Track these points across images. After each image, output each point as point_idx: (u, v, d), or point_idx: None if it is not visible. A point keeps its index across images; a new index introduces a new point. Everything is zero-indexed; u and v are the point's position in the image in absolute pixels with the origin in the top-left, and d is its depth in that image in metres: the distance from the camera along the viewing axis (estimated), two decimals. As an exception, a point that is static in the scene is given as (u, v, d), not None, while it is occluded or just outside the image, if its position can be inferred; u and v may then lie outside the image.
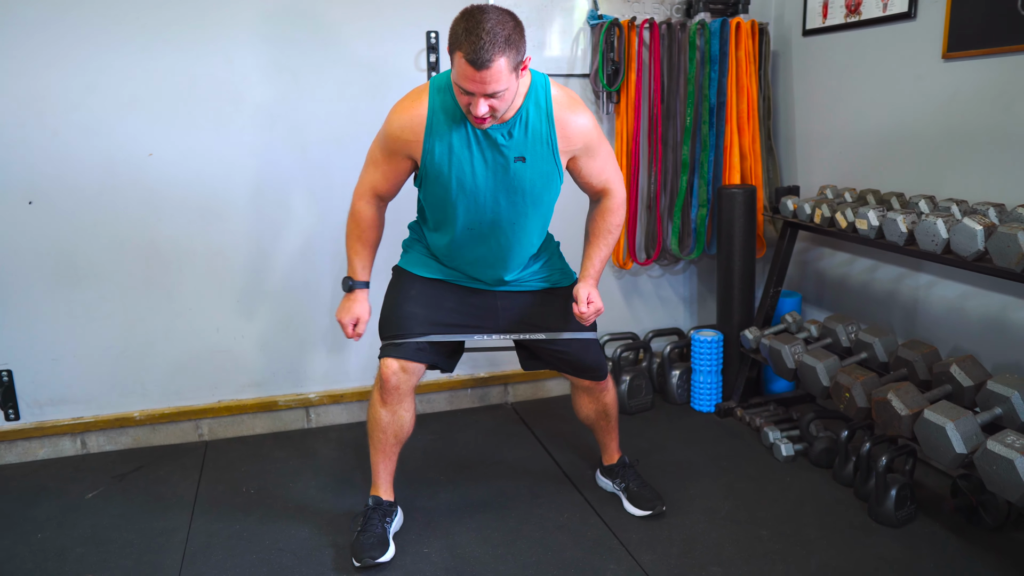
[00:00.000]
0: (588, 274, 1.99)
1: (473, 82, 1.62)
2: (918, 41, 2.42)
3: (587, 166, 1.93)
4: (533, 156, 1.84)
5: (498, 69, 1.61)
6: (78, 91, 2.41)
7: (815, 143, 2.92)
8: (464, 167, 1.83)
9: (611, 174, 1.98)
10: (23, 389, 2.55)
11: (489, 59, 1.58)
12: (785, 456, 2.51)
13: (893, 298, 2.62)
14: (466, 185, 1.85)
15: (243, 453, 2.65)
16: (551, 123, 1.83)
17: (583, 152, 1.91)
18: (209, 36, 2.48)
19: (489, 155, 1.83)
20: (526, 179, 1.86)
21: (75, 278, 2.52)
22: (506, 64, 1.62)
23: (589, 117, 1.89)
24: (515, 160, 1.83)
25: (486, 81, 1.61)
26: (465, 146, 1.81)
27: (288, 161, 2.64)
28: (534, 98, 1.82)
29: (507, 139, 1.82)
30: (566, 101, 1.86)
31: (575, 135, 1.87)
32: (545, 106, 1.82)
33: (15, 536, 2.15)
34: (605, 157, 1.96)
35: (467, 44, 1.59)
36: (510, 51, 1.62)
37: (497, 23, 1.60)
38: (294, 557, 2.04)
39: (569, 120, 1.85)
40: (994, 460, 1.75)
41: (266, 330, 2.75)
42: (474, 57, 1.58)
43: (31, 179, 2.43)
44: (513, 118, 1.80)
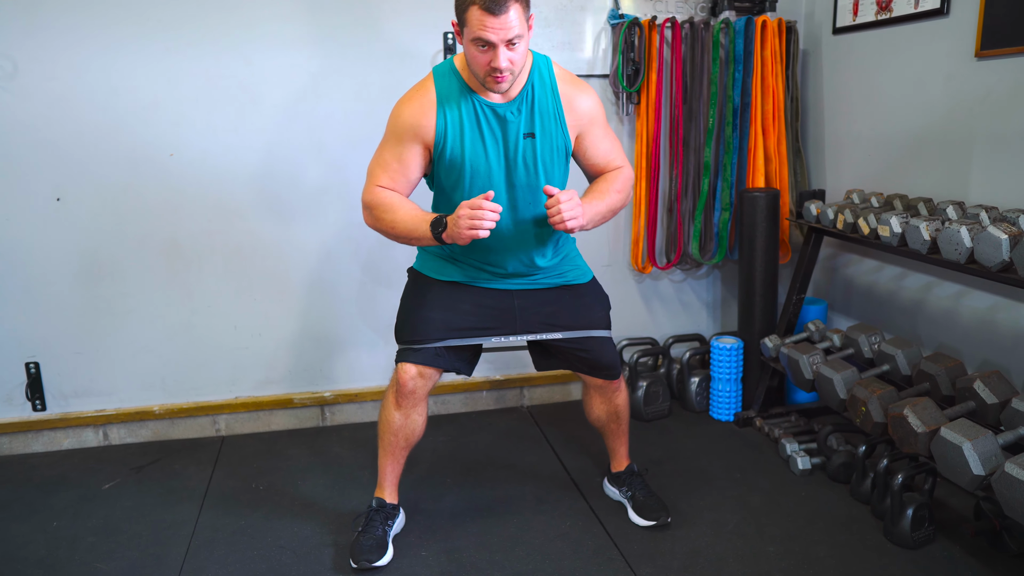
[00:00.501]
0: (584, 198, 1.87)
1: (492, 29, 1.64)
2: (950, 39, 2.31)
3: (592, 145, 1.93)
4: (542, 131, 1.85)
5: (516, 13, 1.65)
6: (104, 93, 2.49)
7: (845, 145, 2.82)
8: (477, 147, 1.83)
9: (617, 155, 1.98)
10: (49, 381, 2.64)
11: (505, 2, 1.62)
12: (801, 470, 2.43)
13: (921, 308, 2.50)
14: (480, 165, 1.84)
15: (257, 449, 2.69)
16: (556, 97, 1.85)
17: (588, 128, 1.91)
18: (228, 39, 2.53)
19: (499, 132, 1.83)
20: (537, 155, 1.86)
21: (99, 274, 2.60)
22: (520, 11, 1.67)
23: (594, 96, 1.92)
24: (524, 136, 1.84)
25: (506, 25, 1.64)
26: (475, 125, 1.82)
27: (305, 160, 2.67)
28: (537, 74, 1.85)
29: (515, 115, 1.83)
30: (569, 78, 1.91)
31: (581, 110, 1.89)
32: (549, 81, 1.85)
33: (33, 523, 2.22)
34: (613, 140, 1.98)
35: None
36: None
37: None
38: (294, 555, 2.06)
39: (574, 95, 1.88)
40: (1011, 484, 1.66)
41: (283, 328, 2.78)
42: (491, 4, 1.62)
43: (59, 178, 2.51)
44: (519, 95, 1.82)
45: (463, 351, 2.03)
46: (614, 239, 3.00)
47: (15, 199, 2.49)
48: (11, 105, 2.43)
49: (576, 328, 2.04)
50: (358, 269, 2.79)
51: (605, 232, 2.98)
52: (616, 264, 3.03)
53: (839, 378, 2.24)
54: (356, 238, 2.75)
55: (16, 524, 2.22)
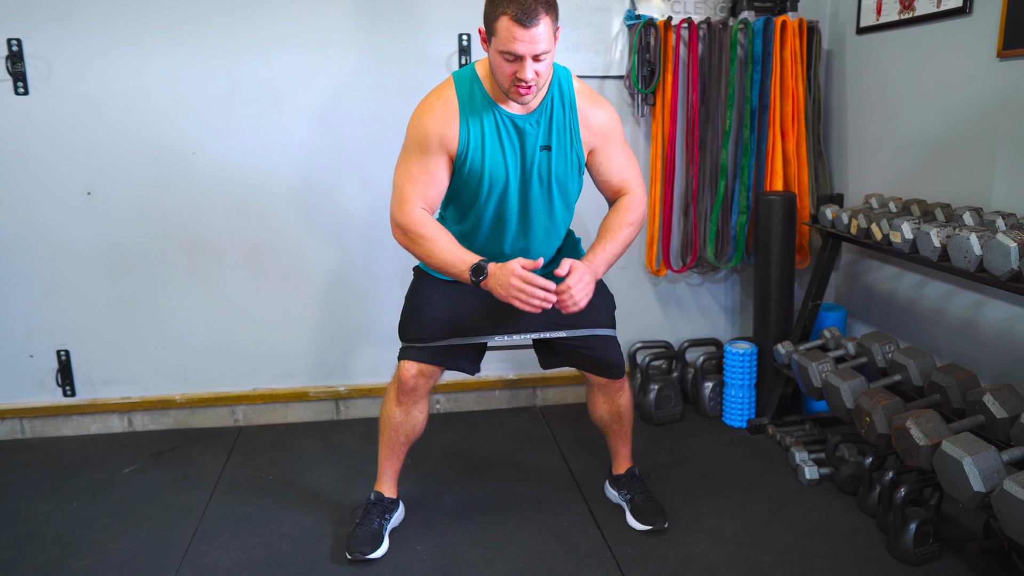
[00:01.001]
0: (588, 258, 1.89)
1: (522, 42, 1.66)
2: (972, 39, 2.23)
3: (606, 161, 1.94)
4: (557, 144, 1.87)
5: (545, 27, 1.67)
6: (132, 93, 2.59)
7: (867, 148, 2.74)
8: (496, 155, 1.85)
9: (631, 174, 1.97)
10: (79, 368, 2.77)
11: (536, 15, 1.64)
12: (809, 479, 2.38)
13: (940, 316, 2.42)
14: (498, 176, 1.86)
15: (271, 440, 2.77)
16: (573, 111, 1.87)
17: (602, 145, 1.92)
18: (250, 41, 2.61)
19: (517, 143, 1.86)
20: (552, 168, 1.88)
21: (125, 267, 2.71)
22: (549, 24, 1.69)
23: (611, 112, 1.93)
24: (541, 148, 1.86)
25: (535, 39, 1.66)
26: (495, 136, 1.84)
27: (324, 159, 2.74)
28: (557, 87, 1.87)
29: (534, 128, 1.85)
30: (588, 93, 1.92)
31: (596, 125, 1.90)
32: (568, 95, 1.87)
33: (55, 503, 2.34)
34: (628, 158, 1.97)
35: (514, 4, 1.64)
36: (552, 12, 1.70)
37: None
38: (293, 544, 2.12)
39: (590, 110, 1.89)
40: (1010, 502, 1.60)
41: (300, 324, 2.85)
42: (522, 16, 1.64)
43: (89, 174, 2.63)
44: (539, 108, 1.85)
45: (467, 350, 2.05)
46: (629, 241, 2.98)
47: (49, 194, 2.62)
48: (45, 105, 2.56)
49: (580, 327, 2.04)
50: (374, 267, 2.84)
51: (620, 234, 2.96)
52: (631, 266, 3.01)
53: (846, 387, 2.19)
54: (371, 237, 2.80)
55: (40, 502, 2.34)
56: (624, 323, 3.02)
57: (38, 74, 2.54)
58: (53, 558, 2.05)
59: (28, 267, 2.66)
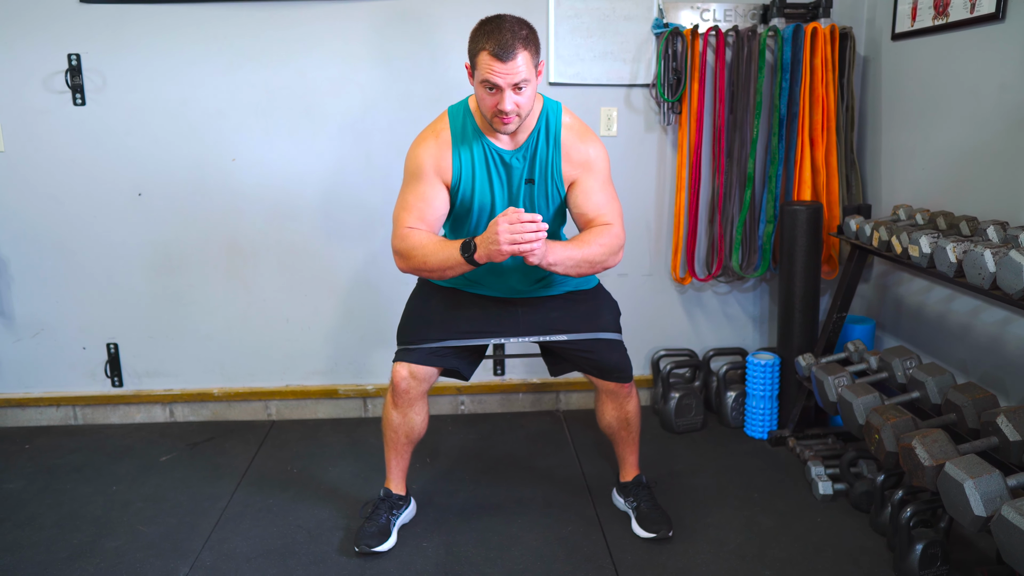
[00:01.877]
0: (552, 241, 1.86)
1: (500, 74, 1.74)
2: (1005, 46, 2.15)
3: (584, 193, 1.94)
4: (539, 178, 1.92)
5: (523, 61, 1.75)
6: (175, 103, 2.75)
7: (900, 157, 2.67)
8: (484, 188, 1.93)
9: (609, 213, 1.94)
10: (126, 361, 2.96)
11: (514, 50, 1.73)
12: (823, 495, 2.34)
13: (968, 333, 2.35)
14: (485, 204, 1.95)
15: (301, 434, 2.90)
16: (557, 145, 1.91)
17: (583, 177, 1.93)
18: (285, 54, 2.73)
19: (504, 177, 1.93)
20: (534, 199, 1.94)
21: (168, 267, 2.88)
22: (528, 58, 1.77)
23: (597, 149, 1.95)
24: (526, 181, 1.92)
25: (513, 72, 1.73)
26: (484, 168, 1.92)
27: (354, 167, 2.84)
28: (544, 121, 1.92)
29: (520, 162, 1.91)
30: (577, 127, 1.95)
31: (577, 158, 1.93)
32: (554, 129, 1.92)
33: (97, 486, 2.51)
34: (608, 198, 1.96)
35: (492, 41, 1.73)
36: (530, 47, 1.77)
37: (516, 24, 1.78)
38: (308, 535, 2.22)
39: (574, 144, 1.93)
40: (1007, 528, 1.55)
41: (330, 323, 2.97)
42: (499, 51, 1.72)
43: (137, 179, 2.81)
44: (526, 142, 1.91)
45: (462, 353, 2.11)
46: (655, 249, 2.99)
47: (101, 198, 2.81)
48: (99, 115, 2.75)
49: (580, 331, 2.07)
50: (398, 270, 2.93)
51: (646, 242, 2.97)
52: (657, 274, 3.01)
53: (859, 403, 2.15)
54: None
55: (83, 485, 2.52)
56: (648, 330, 3.05)
57: (94, 86, 2.73)
58: (89, 537, 2.21)
59: (83, 265, 2.86)
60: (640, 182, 2.91)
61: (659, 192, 2.93)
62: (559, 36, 2.77)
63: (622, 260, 2.93)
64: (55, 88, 2.71)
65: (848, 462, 2.34)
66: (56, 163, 2.77)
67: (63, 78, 2.70)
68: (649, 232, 2.96)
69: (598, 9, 2.76)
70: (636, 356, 3.06)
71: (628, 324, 2.98)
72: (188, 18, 2.68)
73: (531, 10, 2.74)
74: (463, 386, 3.02)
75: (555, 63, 2.79)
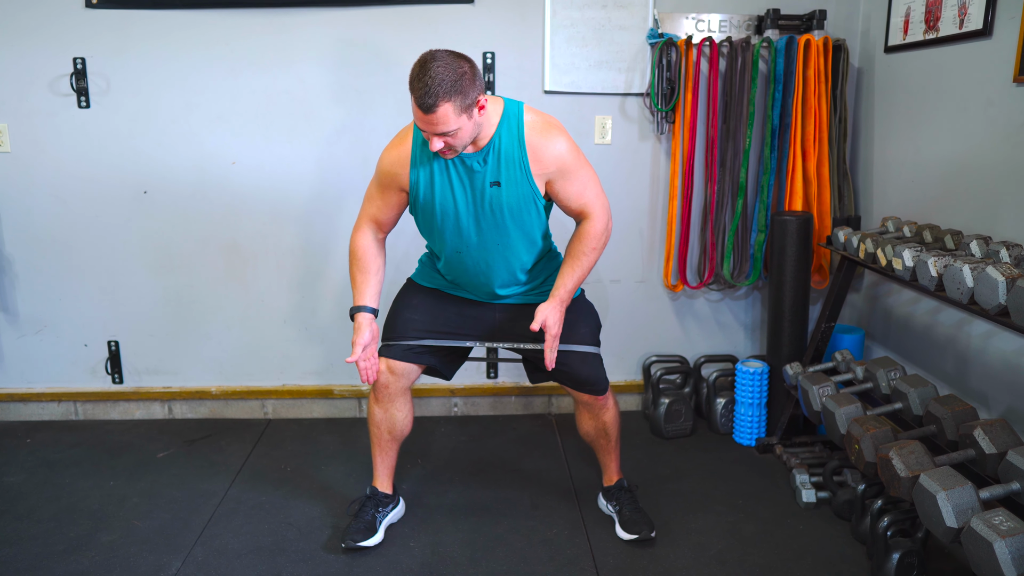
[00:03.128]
0: (554, 294, 2.01)
1: (422, 123, 1.78)
2: (991, 62, 2.18)
3: (563, 190, 1.98)
4: (508, 180, 1.93)
5: (444, 113, 1.74)
6: (178, 107, 2.81)
7: (891, 169, 2.69)
8: (446, 194, 1.96)
9: (590, 199, 2.00)
10: (127, 358, 3.02)
11: (434, 103, 1.72)
12: (806, 502, 2.37)
13: (952, 345, 2.37)
14: (448, 211, 1.98)
15: (296, 433, 2.95)
16: (523, 147, 1.92)
17: (558, 176, 1.96)
18: (285, 60, 2.78)
19: (467, 181, 1.95)
20: (503, 202, 1.95)
21: (169, 267, 2.94)
22: (452, 108, 1.74)
23: (564, 141, 1.95)
24: (491, 185, 1.93)
25: (433, 123, 1.76)
26: (444, 175, 1.95)
27: (352, 171, 2.89)
28: (507, 125, 1.92)
29: (482, 165, 1.93)
30: (540, 126, 1.94)
31: (547, 159, 1.94)
32: (517, 131, 1.92)
33: (95, 481, 2.57)
34: (584, 182, 1.99)
35: (416, 89, 1.74)
36: (456, 96, 1.74)
37: (445, 70, 1.73)
38: (297, 532, 2.27)
39: (541, 144, 1.93)
40: (976, 540, 1.58)
41: (326, 324, 3.02)
42: (421, 102, 1.74)
43: (140, 181, 2.86)
44: (487, 145, 1.92)
45: (440, 352, 2.16)
46: (648, 256, 3.02)
47: (104, 198, 2.87)
48: (103, 117, 2.80)
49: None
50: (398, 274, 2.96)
51: (639, 249, 3.00)
52: (650, 281, 3.04)
53: (841, 412, 2.18)
54: (395, 245, 2.91)
55: (82, 480, 2.57)
56: (640, 336, 3.09)
57: (98, 90, 2.79)
58: (85, 531, 2.27)
59: (85, 264, 2.92)
60: (633, 190, 2.94)
61: (652, 200, 2.96)
62: (555, 45, 2.81)
63: (616, 266, 3.00)
64: (60, 91, 2.77)
65: (831, 470, 2.37)
66: (60, 164, 2.83)
67: (68, 81, 2.76)
68: (642, 239, 3.00)
69: (593, 19, 2.79)
70: (627, 361, 3.11)
71: (620, 329, 3.04)
72: (191, 24, 2.74)
73: (528, 20, 2.79)
74: (455, 388, 3.06)
75: (551, 72, 2.83)
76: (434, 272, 2.20)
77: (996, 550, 1.53)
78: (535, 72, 2.84)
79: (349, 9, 2.76)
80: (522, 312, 2.13)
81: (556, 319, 1.98)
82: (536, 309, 1.99)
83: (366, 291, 2.07)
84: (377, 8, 2.76)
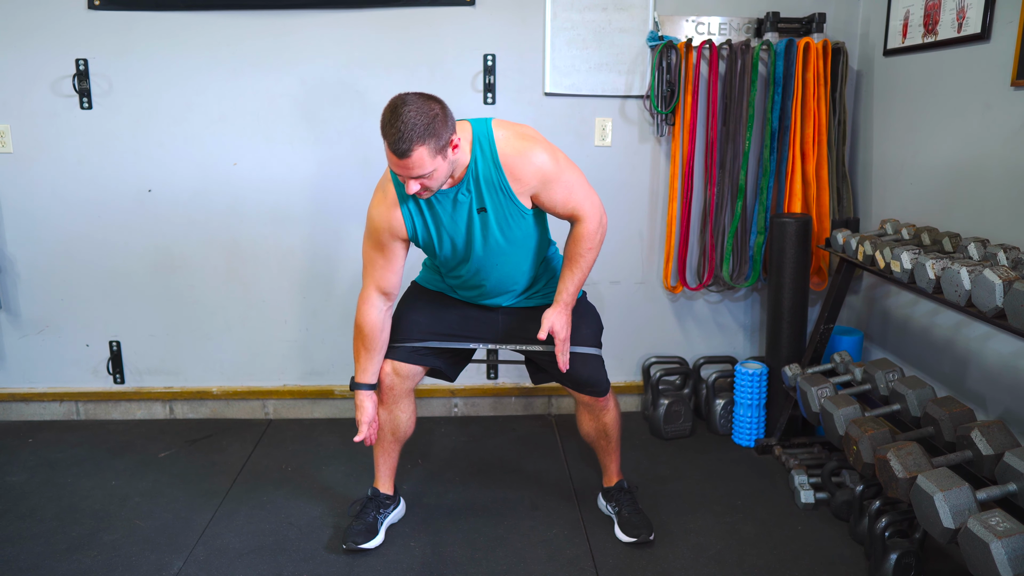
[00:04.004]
0: (558, 299, 2.03)
1: (397, 167, 1.76)
2: (989, 65, 2.19)
3: (549, 199, 1.97)
4: (492, 204, 1.93)
5: (419, 156, 1.72)
6: (180, 108, 2.82)
7: (890, 172, 2.71)
8: (440, 229, 1.98)
9: (579, 201, 1.98)
10: (128, 358, 3.03)
11: (408, 149, 1.71)
12: (804, 503, 2.38)
13: (950, 347, 2.38)
14: (445, 242, 2.00)
15: (297, 434, 2.96)
16: (499, 167, 1.89)
17: (541, 188, 1.94)
18: (287, 61, 2.79)
19: (453, 213, 1.95)
20: (492, 225, 1.96)
21: (171, 267, 2.95)
22: (427, 151, 1.73)
23: (541, 153, 1.91)
24: (478, 211, 1.94)
25: (409, 167, 1.74)
26: (433, 213, 1.96)
27: (352, 173, 2.90)
28: (479, 148, 1.89)
29: (466, 196, 1.93)
30: (513, 142, 1.90)
31: (526, 176, 1.91)
32: (490, 152, 1.89)
33: (96, 481, 2.58)
34: (569, 186, 1.96)
35: (389, 135, 1.72)
36: (430, 139, 1.72)
37: (417, 113, 1.71)
38: (299, 532, 2.28)
39: (517, 163, 1.89)
40: (973, 541, 1.59)
41: (327, 325, 3.03)
42: (395, 148, 1.72)
43: (142, 182, 2.87)
44: (465, 175, 1.90)
45: (444, 354, 2.18)
46: (648, 258, 3.03)
47: (106, 199, 2.88)
48: (105, 118, 2.81)
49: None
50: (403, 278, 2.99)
51: (639, 250, 3.02)
52: (649, 282, 3.06)
53: (839, 414, 2.19)
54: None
55: (84, 479, 2.59)
56: (639, 337, 3.10)
57: (100, 91, 2.80)
58: (87, 531, 2.28)
59: (87, 265, 2.93)
60: (633, 191, 2.96)
61: (652, 202, 2.98)
62: (555, 48, 2.82)
63: (616, 268, 3.02)
64: (63, 92, 2.78)
65: (830, 471, 2.38)
66: (63, 165, 2.84)
67: (71, 82, 2.77)
68: (642, 241, 3.01)
69: (594, 21, 2.81)
70: (627, 362, 3.12)
71: (620, 331, 3.05)
72: (192, 26, 2.75)
73: (528, 22, 2.80)
74: (456, 388, 3.07)
75: (551, 74, 2.84)
76: (438, 277, 2.21)
77: (993, 551, 1.54)
78: (535, 74, 2.85)
79: (351, 11, 2.77)
80: (526, 315, 2.14)
81: (563, 323, 1.99)
82: (542, 316, 2.00)
83: (369, 368, 2.11)
84: (378, 10, 2.77)
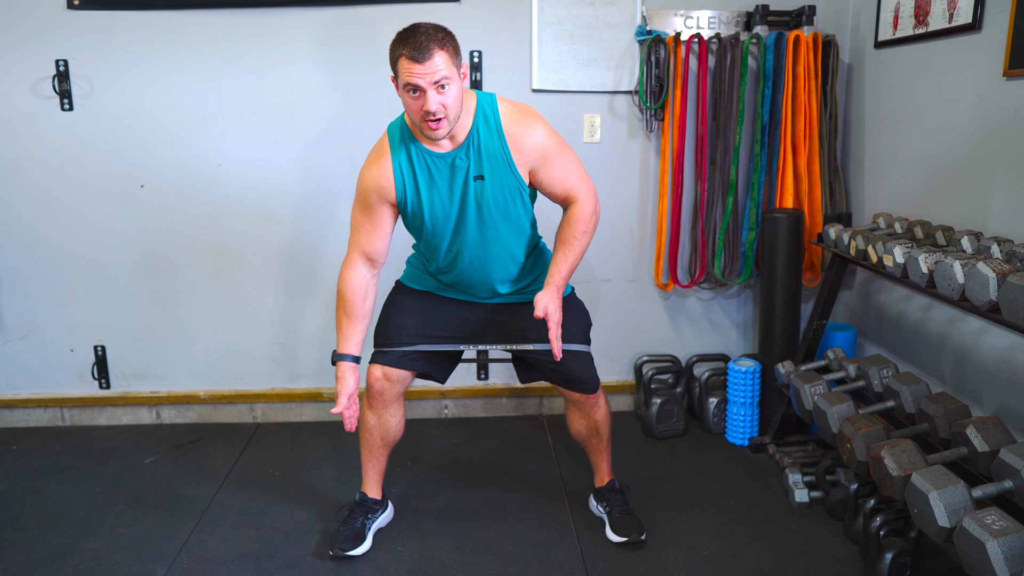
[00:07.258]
0: (550, 281, 1.97)
1: (419, 75, 1.74)
2: (981, 56, 2.15)
3: (547, 176, 1.96)
4: (491, 172, 1.91)
5: (441, 59, 1.75)
6: (163, 108, 2.78)
7: (882, 165, 2.67)
8: (433, 196, 1.94)
9: (575, 183, 1.98)
10: (113, 363, 2.98)
11: (429, 50, 1.73)
12: (799, 502, 2.35)
13: (945, 342, 2.35)
14: (438, 211, 1.95)
15: (285, 437, 2.92)
16: (502, 137, 1.90)
17: (540, 163, 1.94)
18: (271, 60, 2.76)
19: (450, 179, 1.92)
20: (488, 195, 1.93)
21: (156, 270, 2.91)
22: (446, 57, 1.76)
23: (542, 128, 1.94)
24: (474, 179, 1.91)
25: (430, 71, 1.74)
26: (428, 176, 1.92)
27: (339, 172, 2.86)
28: (482, 116, 1.90)
29: (463, 160, 1.90)
30: (516, 114, 1.93)
31: (528, 147, 1.92)
32: (494, 121, 1.90)
33: (81, 487, 2.54)
34: (567, 166, 1.97)
35: (408, 45, 1.74)
36: (448, 47, 1.78)
37: (431, 28, 1.78)
38: (285, 538, 2.24)
39: (520, 133, 1.91)
40: (968, 540, 1.56)
41: (316, 327, 2.99)
42: (416, 53, 1.73)
43: (124, 184, 2.83)
44: (465, 140, 1.89)
45: (434, 357, 2.13)
46: (638, 255, 2.99)
47: (88, 201, 2.84)
48: (87, 120, 2.77)
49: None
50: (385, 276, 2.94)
51: (629, 248, 2.98)
52: (640, 280, 3.02)
53: (833, 411, 2.16)
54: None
55: (67, 486, 2.54)
56: (631, 336, 3.07)
57: (81, 92, 2.75)
58: (69, 539, 2.23)
59: (71, 268, 2.89)
60: (623, 188, 2.92)
61: (642, 198, 2.94)
62: (542, 43, 2.78)
63: (606, 266, 2.98)
64: (43, 93, 2.74)
65: (824, 470, 2.35)
66: (44, 167, 2.80)
67: (51, 83, 2.73)
68: (632, 238, 2.97)
69: (581, 16, 2.77)
70: (619, 361, 3.09)
71: (611, 329, 3.02)
72: (175, 25, 2.71)
73: (515, 18, 2.76)
74: (446, 390, 3.03)
75: (538, 70, 2.80)
76: (424, 274, 2.17)
77: (988, 550, 1.50)
78: (523, 71, 2.81)
79: (335, 8, 2.73)
80: (514, 311, 2.10)
81: (556, 305, 1.94)
82: (535, 298, 1.94)
83: (351, 338, 2.04)
84: (363, 7, 2.73)
